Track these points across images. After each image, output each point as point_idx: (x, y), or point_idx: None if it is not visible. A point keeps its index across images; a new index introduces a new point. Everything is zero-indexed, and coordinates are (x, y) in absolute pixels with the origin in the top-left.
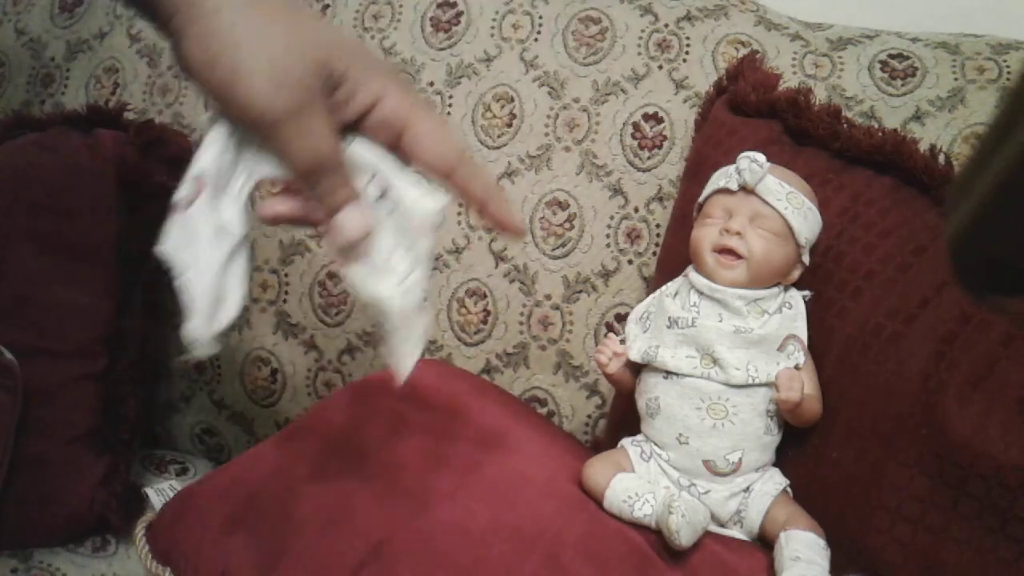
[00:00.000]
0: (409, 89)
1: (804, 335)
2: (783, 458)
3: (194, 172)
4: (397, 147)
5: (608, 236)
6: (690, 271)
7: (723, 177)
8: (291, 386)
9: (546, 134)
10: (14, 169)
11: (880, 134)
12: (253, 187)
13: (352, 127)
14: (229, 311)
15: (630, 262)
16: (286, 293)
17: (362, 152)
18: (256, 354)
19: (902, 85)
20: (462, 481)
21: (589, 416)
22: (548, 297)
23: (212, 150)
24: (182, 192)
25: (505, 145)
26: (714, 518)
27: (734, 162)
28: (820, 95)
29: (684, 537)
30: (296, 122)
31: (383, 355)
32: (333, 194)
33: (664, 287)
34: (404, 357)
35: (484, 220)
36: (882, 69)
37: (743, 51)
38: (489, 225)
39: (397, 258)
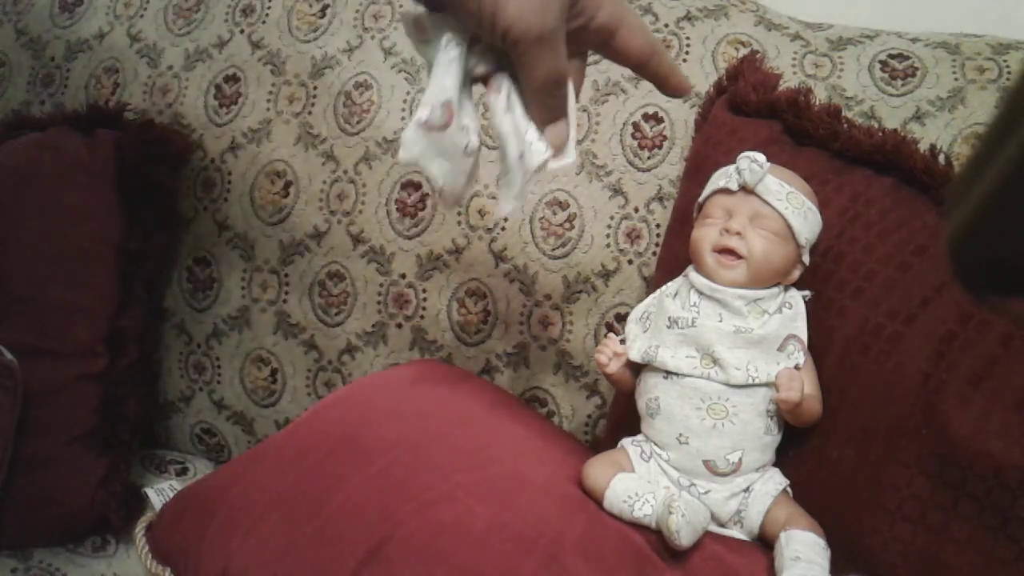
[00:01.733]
0: (617, 2)
1: (804, 335)
2: (783, 458)
3: (442, 98)
4: (608, 45)
5: (608, 236)
6: (690, 271)
7: (723, 177)
8: (291, 386)
9: None
10: (14, 169)
11: (880, 134)
12: (472, 86)
13: (574, 32)
14: (471, 187)
15: (630, 262)
16: (286, 293)
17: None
18: (256, 354)
19: (902, 85)
20: (462, 481)
21: (589, 416)
22: (548, 297)
23: (452, 75)
24: (433, 116)
25: None
26: (714, 518)
27: (734, 162)
28: (820, 95)
29: (684, 537)
30: (550, 42)
31: (498, 186)
32: (556, 108)
33: (664, 287)
34: (506, 201)
35: (666, 89)
36: (882, 69)
37: (743, 51)
38: (669, 91)
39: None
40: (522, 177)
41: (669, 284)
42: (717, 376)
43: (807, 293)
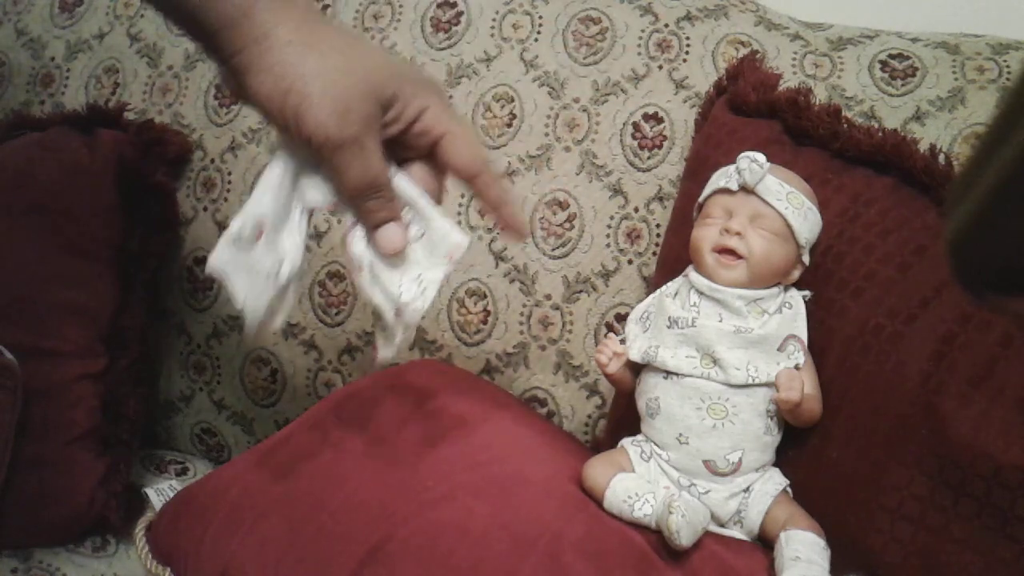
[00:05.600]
0: (446, 103)
1: (804, 335)
2: (783, 458)
3: (256, 212)
4: (432, 153)
5: (608, 236)
6: (690, 271)
7: (723, 177)
8: (291, 386)
9: (546, 134)
10: (14, 169)
11: (880, 134)
12: (309, 215)
13: (397, 137)
14: (281, 318)
15: (630, 262)
16: None
17: (402, 185)
18: (256, 354)
19: (902, 85)
20: (462, 481)
21: (589, 416)
22: (548, 297)
23: (271, 189)
24: (243, 230)
25: (505, 145)
26: (714, 518)
27: (734, 162)
28: (820, 95)
29: (684, 537)
30: (355, 148)
31: (375, 338)
32: (379, 211)
33: (664, 287)
34: (386, 348)
35: (496, 221)
36: (882, 69)
37: (743, 51)
38: (499, 226)
39: (411, 276)
40: (402, 330)
41: (669, 284)
42: (717, 376)
43: (807, 293)
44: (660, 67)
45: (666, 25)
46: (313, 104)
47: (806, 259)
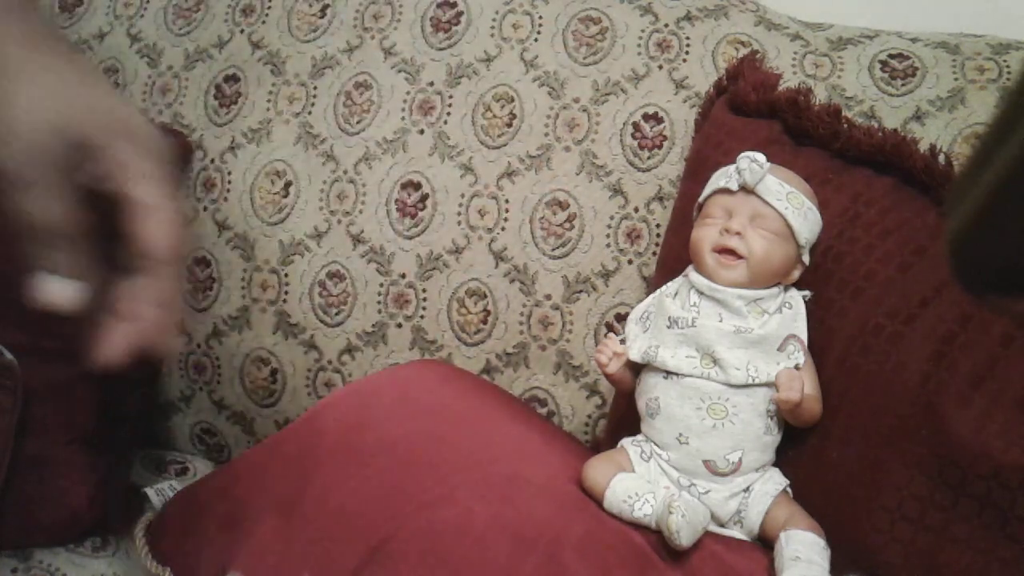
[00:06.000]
0: (157, 169)
1: (804, 335)
2: (783, 458)
3: None
4: (125, 219)
5: (608, 236)
6: (690, 271)
7: (723, 177)
8: (291, 386)
9: (546, 134)
10: None
11: (880, 134)
12: None
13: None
14: None
15: (630, 262)
16: (286, 293)
17: None
18: (256, 354)
19: (902, 85)
20: (462, 481)
21: (589, 416)
22: (548, 297)
23: None
24: None
25: (505, 145)
26: (714, 518)
27: (734, 162)
28: (820, 95)
29: (684, 537)
30: (40, 190)
31: None
32: (53, 259)
33: (664, 287)
34: None
35: (144, 317)
36: (882, 69)
37: (743, 51)
38: (139, 323)
39: None
40: None
41: (669, 284)
42: (717, 376)
43: (807, 293)
44: (660, 67)
45: (666, 25)
46: (5, 138)
47: (806, 259)
